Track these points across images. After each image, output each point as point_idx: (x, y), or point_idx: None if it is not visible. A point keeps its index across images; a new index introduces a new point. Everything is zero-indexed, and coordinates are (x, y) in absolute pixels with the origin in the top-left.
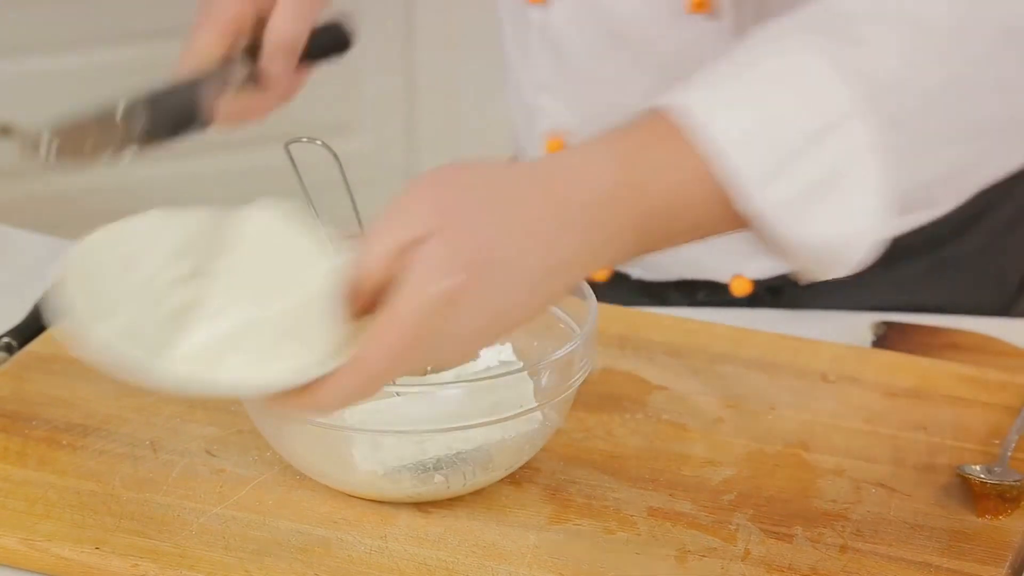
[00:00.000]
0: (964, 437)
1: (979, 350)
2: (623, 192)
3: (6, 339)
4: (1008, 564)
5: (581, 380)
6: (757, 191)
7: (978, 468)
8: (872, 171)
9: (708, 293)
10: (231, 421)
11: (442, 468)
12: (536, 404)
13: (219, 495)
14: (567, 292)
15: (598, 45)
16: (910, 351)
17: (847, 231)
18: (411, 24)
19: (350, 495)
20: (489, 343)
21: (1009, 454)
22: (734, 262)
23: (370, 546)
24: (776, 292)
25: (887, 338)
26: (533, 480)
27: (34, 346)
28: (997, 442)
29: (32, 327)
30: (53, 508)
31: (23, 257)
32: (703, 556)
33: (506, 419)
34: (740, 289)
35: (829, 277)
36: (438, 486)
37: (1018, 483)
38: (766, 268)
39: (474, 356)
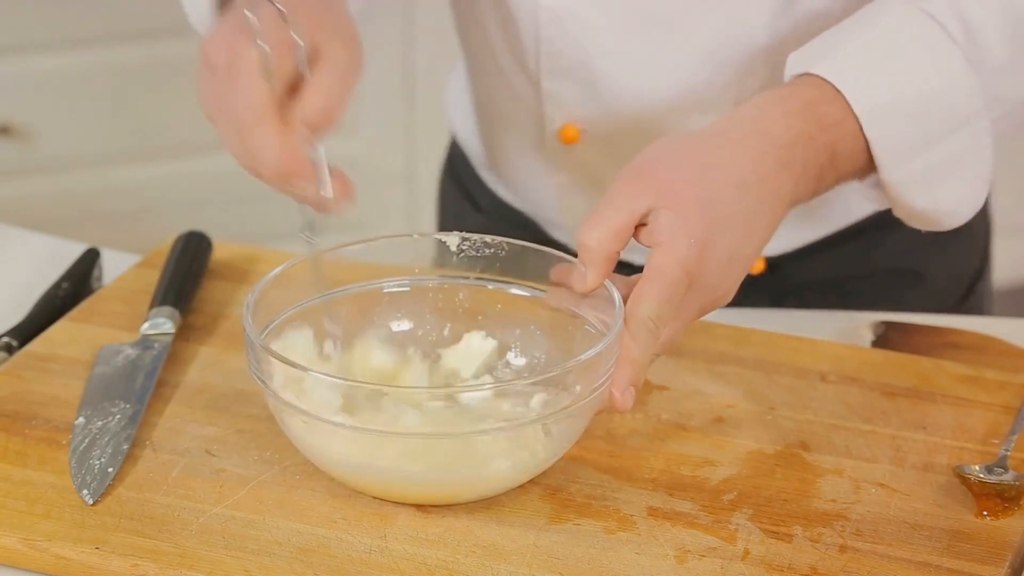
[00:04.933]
0: (963, 437)
1: (979, 350)
2: (803, 140)
3: (6, 339)
4: (1008, 564)
5: (607, 381)
6: (896, 166)
7: (977, 468)
8: (987, 158)
9: None
10: (231, 421)
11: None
12: (561, 408)
13: (219, 495)
14: (775, 226)
15: (627, 30)
16: (910, 351)
17: (961, 202)
18: (411, 24)
19: (354, 494)
20: (736, 281)
21: (1008, 454)
22: None
23: (370, 546)
24: (775, 268)
25: (887, 338)
26: (533, 480)
27: (34, 346)
28: (996, 442)
29: (32, 327)
30: (53, 508)
31: (23, 257)
32: (703, 556)
33: (529, 422)
34: (755, 267)
35: (936, 230)
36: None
37: (1018, 483)
38: (778, 245)
39: (725, 300)
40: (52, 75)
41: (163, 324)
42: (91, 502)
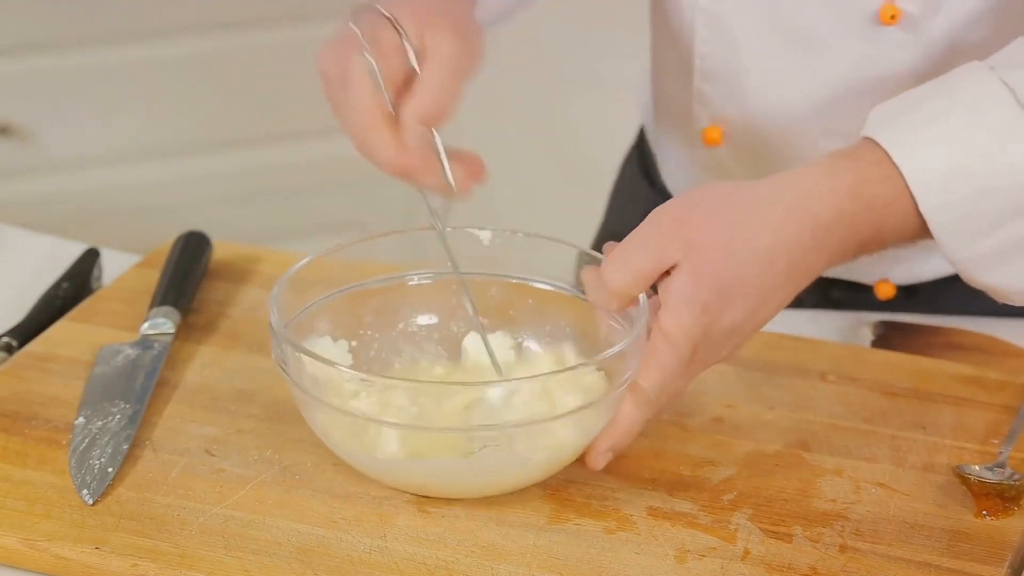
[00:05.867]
0: (963, 437)
1: (979, 350)
2: (846, 221)
3: (6, 339)
4: (1008, 564)
5: (630, 379)
6: (960, 247)
7: (977, 468)
8: None
9: (844, 292)
10: (231, 421)
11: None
12: (589, 402)
13: (219, 495)
14: (791, 298)
15: (772, 44)
16: (910, 351)
17: None
18: None
19: (354, 494)
20: (739, 345)
21: (1008, 454)
22: (884, 266)
23: (369, 546)
24: (912, 292)
25: (887, 338)
26: None
27: (34, 346)
28: (996, 442)
29: (32, 327)
30: (53, 508)
31: (23, 257)
32: (703, 556)
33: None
34: (885, 293)
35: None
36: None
37: (1017, 483)
38: (913, 273)
39: (727, 359)
40: (52, 75)
41: (163, 324)
42: (91, 502)
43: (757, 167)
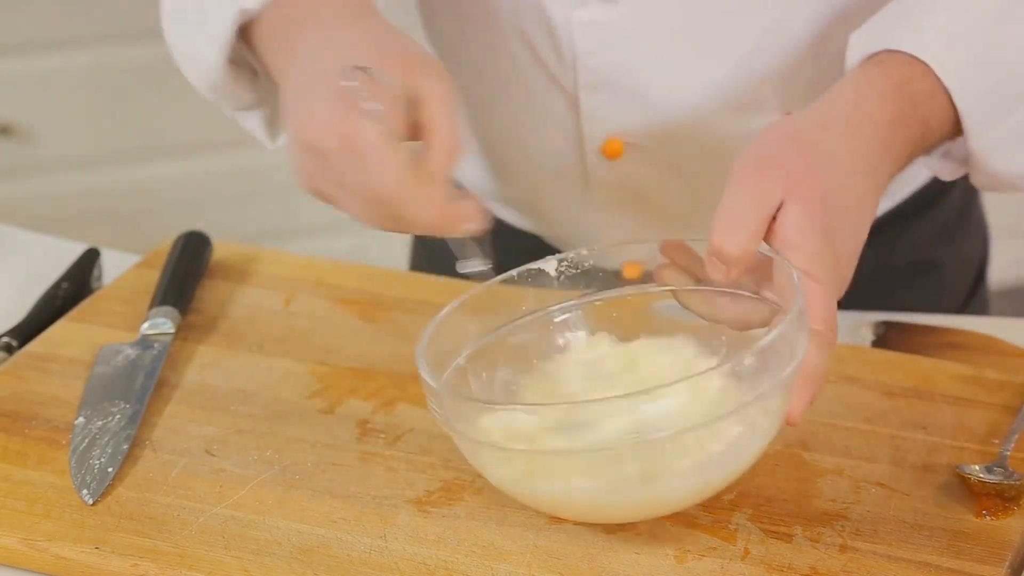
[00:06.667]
0: (963, 437)
1: (979, 350)
2: (900, 120)
3: (6, 339)
4: (1007, 564)
5: (792, 370)
6: (983, 132)
7: (977, 467)
8: None
9: None
10: (231, 421)
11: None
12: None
13: (219, 495)
14: (875, 210)
15: (674, 35)
16: (910, 351)
17: None
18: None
19: (354, 493)
20: (853, 267)
21: (1008, 453)
22: None
23: (369, 545)
24: None
25: (887, 338)
26: None
27: (34, 346)
28: (996, 441)
29: (32, 327)
30: (53, 508)
31: (23, 257)
32: (703, 556)
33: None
34: None
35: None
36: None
37: (1017, 483)
38: None
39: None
40: (52, 75)
41: (163, 324)
42: (91, 502)
43: (672, 165)
